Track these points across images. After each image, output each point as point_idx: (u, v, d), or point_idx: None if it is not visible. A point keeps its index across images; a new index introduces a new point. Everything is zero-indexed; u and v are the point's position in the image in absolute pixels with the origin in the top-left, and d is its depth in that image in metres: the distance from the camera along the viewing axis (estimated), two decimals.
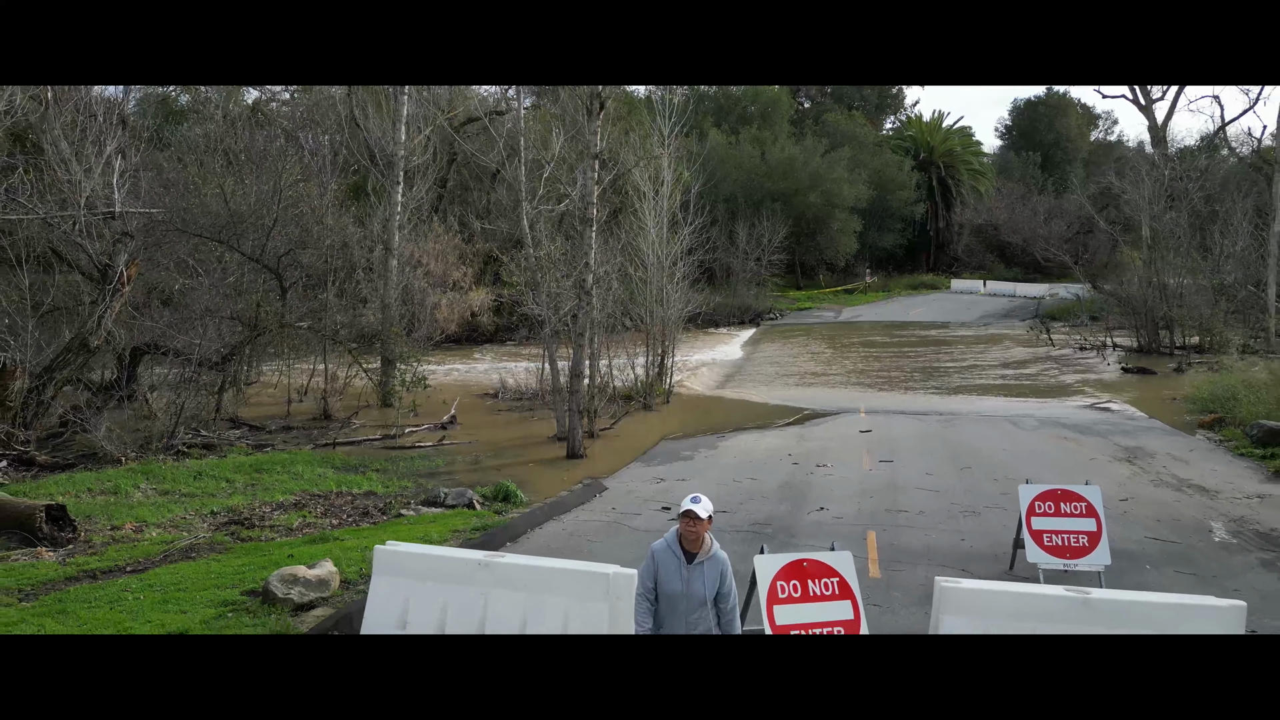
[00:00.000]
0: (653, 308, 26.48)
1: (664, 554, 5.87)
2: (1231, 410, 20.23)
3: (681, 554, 5.82)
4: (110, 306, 19.14)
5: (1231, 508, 13.57)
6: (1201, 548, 11.43)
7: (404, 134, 25.34)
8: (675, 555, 5.83)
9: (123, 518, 13.61)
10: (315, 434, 20.98)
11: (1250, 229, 35.71)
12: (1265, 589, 9.85)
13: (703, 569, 5.78)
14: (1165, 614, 6.53)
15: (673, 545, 5.87)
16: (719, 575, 5.83)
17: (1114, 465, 16.75)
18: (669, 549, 5.87)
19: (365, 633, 7.21)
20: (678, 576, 5.78)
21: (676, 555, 5.83)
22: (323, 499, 15.09)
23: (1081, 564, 9.28)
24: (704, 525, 5.79)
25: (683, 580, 5.77)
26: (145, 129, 26.09)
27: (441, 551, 7.84)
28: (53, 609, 9.48)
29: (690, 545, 5.82)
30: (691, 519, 5.77)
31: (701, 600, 5.76)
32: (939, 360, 36.80)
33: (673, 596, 5.77)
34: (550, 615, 6.68)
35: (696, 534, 5.78)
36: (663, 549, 5.90)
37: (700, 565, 5.79)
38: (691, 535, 5.78)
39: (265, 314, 21.97)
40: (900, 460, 17.49)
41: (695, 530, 5.77)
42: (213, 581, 10.10)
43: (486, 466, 17.78)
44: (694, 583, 5.77)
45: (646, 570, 5.94)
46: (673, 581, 5.79)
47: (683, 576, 5.77)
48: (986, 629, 6.57)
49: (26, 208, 18.99)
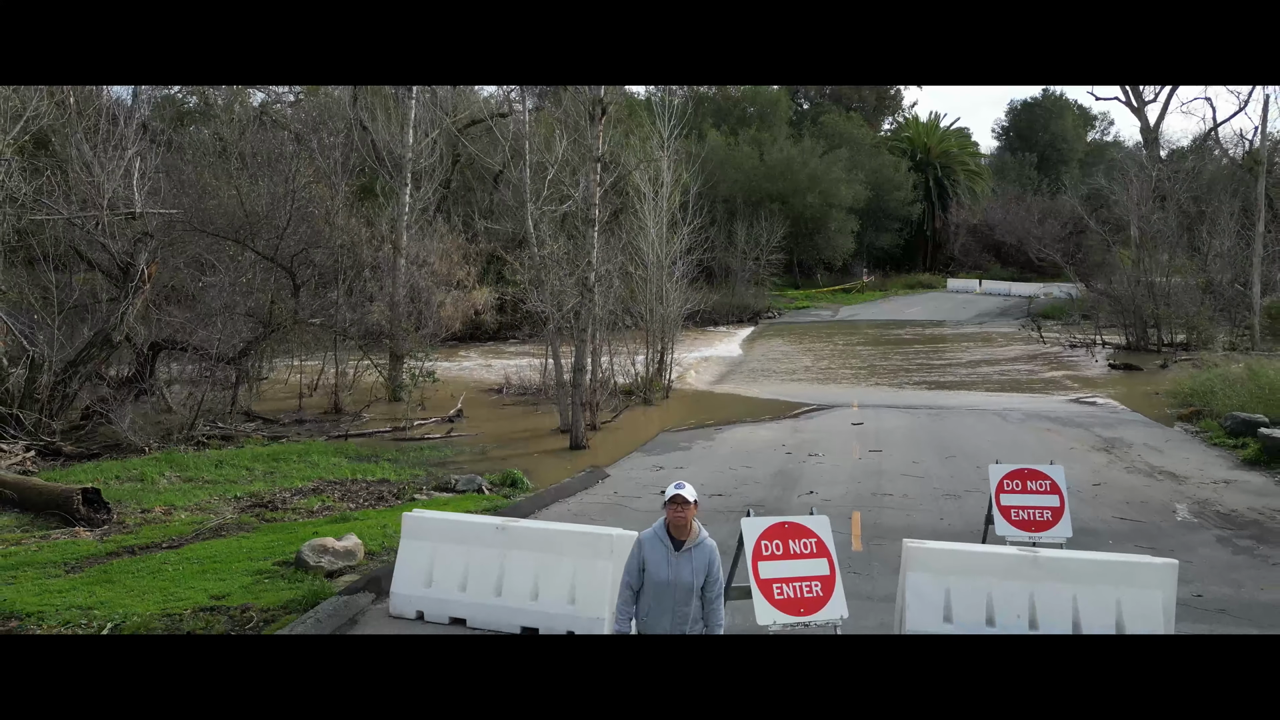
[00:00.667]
0: (653, 305, 27.29)
1: (651, 542, 5.81)
2: (1209, 403, 21.04)
3: (669, 541, 5.77)
4: (132, 303, 19.95)
5: (1198, 491, 14.39)
6: (1164, 526, 12.25)
7: (412, 137, 26.16)
8: (663, 543, 5.78)
9: (152, 502, 14.43)
10: (328, 427, 21.80)
11: (1237, 228, 36.52)
12: (1216, 560, 10.68)
13: (690, 555, 5.74)
14: (1104, 569, 7.34)
15: (660, 534, 5.82)
16: (707, 562, 5.78)
17: (1092, 454, 17.56)
18: (656, 537, 5.82)
19: (395, 589, 8.02)
20: (665, 564, 5.73)
21: (664, 543, 5.77)
22: (339, 485, 15.91)
23: (1045, 537, 10.06)
24: (691, 510, 5.78)
25: (671, 567, 5.72)
26: (163, 132, 26.79)
27: (463, 517, 8.66)
28: (99, 578, 10.32)
29: (678, 532, 5.78)
30: (679, 504, 5.74)
31: (689, 589, 5.71)
32: (932, 358, 37.62)
33: (660, 585, 5.71)
34: (560, 572, 7.51)
35: (684, 519, 5.74)
36: (650, 538, 5.84)
37: (688, 552, 5.74)
38: (680, 521, 5.75)
39: (279, 311, 22.80)
40: (889, 450, 18.29)
41: (683, 515, 5.74)
42: (245, 555, 10.93)
43: (493, 456, 18.59)
44: (682, 570, 5.71)
45: (633, 560, 5.87)
46: (660, 570, 5.73)
47: (671, 563, 5.72)
48: (946, 583, 7.40)
49: (53, 209, 19.81)
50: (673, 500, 5.78)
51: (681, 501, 5.76)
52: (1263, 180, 35.16)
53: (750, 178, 58.25)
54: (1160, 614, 7.22)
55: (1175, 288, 36.38)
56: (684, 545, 5.75)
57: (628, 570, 5.87)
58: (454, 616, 7.95)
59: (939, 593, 7.45)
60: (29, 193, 19.34)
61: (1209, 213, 37.42)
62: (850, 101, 76.86)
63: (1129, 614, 7.19)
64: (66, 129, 22.39)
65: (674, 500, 5.78)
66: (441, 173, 32.21)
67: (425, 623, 8.04)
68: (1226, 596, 9.39)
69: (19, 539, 12.45)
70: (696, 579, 5.73)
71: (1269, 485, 14.77)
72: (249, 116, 38.79)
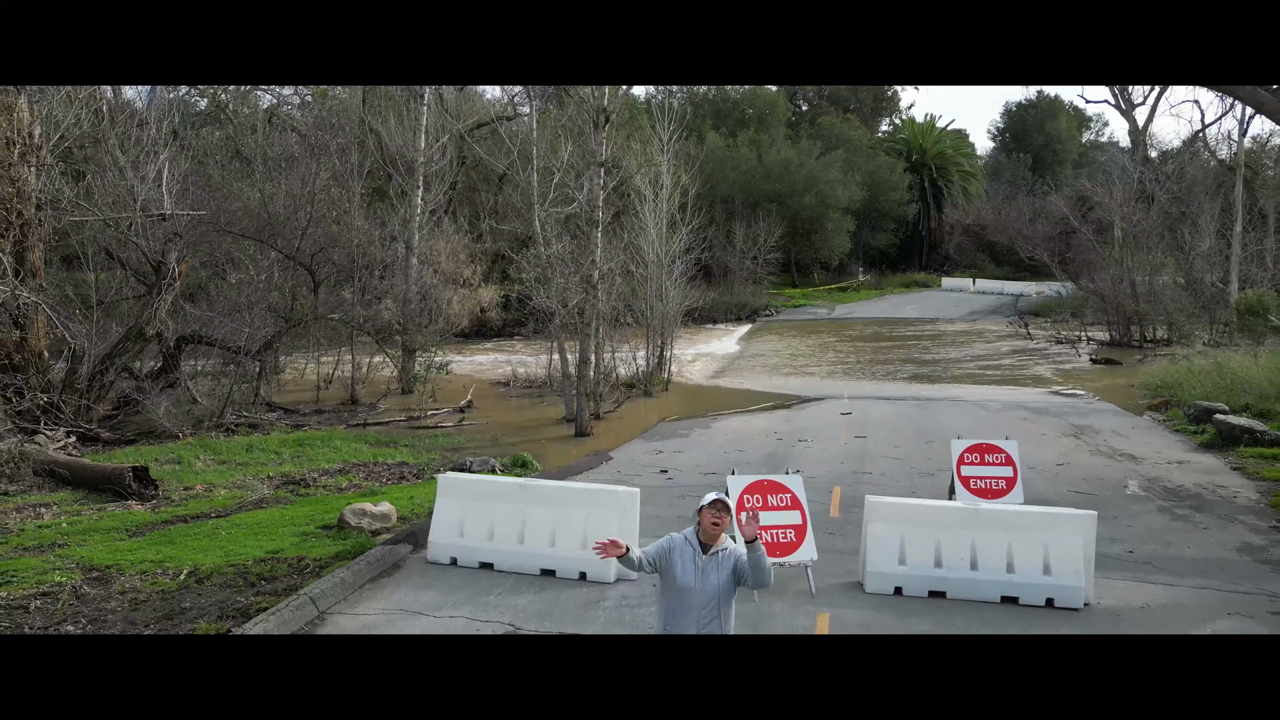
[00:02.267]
0: (653, 303, 28.63)
1: (681, 544, 5.64)
2: (1177, 394, 22.36)
3: (698, 545, 5.59)
4: (164, 299, 21.29)
5: (1152, 470, 15.71)
6: (1113, 498, 13.57)
7: (424, 142, 27.50)
8: (692, 546, 5.60)
9: (192, 480, 15.75)
10: (346, 416, 23.15)
11: (1217, 229, 37.86)
12: (1153, 525, 12.01)
13: (718, 559, 5.56)
14: (1033, 520, 8.68)
15: (690, 539, 5.64)
16: (733, 565, 5.60)
17: (1061, 439, 18.88)
18: (687, 542, 5.64)
19: (432, 539, 9.37)
20: (692, 567, 5.55)
21: (693, 545, 5.60)
22: (363, 467, 17.23)
23: (1000, 504, 11.36)
24: (727, 521, 5.59)
25: (697, 571, 5.54)
26: (176, 136, 28.02)
27: (489, 478, 10.04)
28: (161, 540, 11.63)
29: (709, 540, 5.58)
30: (719, 510, 5.56)
31: (714, 597, 5.54)
32: (923, 353, 38.95)
33: (686, 591, 5.54)
34: (574, 523, 8.85)
35: (720, 529, 5.57)
36: (680, 540, 5.68)
37: (715, 556, 5.57)
38: (714, 530, 5.55)
39: (300, 307, 24.14)
40: (874, 436, 19.61)
41: (721, 524, 5.56)
42: (289, 521, 12.24)
43: (503, 443, 19.89)
44: (709, 576, 5.54)
45: (660, 546, 5.70)
46: (687, 574, 5.55)
47: (697, 567, 5.55)
48: (901, 531, 8.72)
49: (90, 210, 21.15)
50: (711, 505, 5.57)
51: (722, 508, 5.57)
52: (1239, 182, 36.47)
53: (748, 179, 59.56)
54: (1080, 557, 8.53)
55: (1158, 286, 37.74)
56: (711, 549, 5.59)
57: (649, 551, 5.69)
58: (483, 562, 9.34)
59: (895, 540, 8.78)
60: (71, 197, 20.66)
61: (1189, 213, 38.76)
62: (848, 103, 78.13)
63: (1054, 556, 8.50)
64: (98, 133, 23.71)
65: (713, 505, 5.57)
66: (450, 176, 33.56)
67: (458, 567, 9.42)
68: (1154, 552, 10.70)
69: (79, 510, 13.75)
70: (723, 583, 5.56)
71: (1218, 465, 16.07)
72: (258, 120, 40.14)
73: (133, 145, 22.59)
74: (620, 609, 8.53)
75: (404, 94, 30.79)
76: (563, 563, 9.08)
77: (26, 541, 11.62)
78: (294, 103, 49.54)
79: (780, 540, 8.54)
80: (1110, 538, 11.12)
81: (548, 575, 9.17)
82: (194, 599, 8.83)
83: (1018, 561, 8.54)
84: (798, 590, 8.87)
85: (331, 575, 8.99)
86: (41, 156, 20.02)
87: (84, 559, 10.67)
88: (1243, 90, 13.93)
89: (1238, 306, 29.06)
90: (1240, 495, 13.79)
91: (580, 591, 8.87)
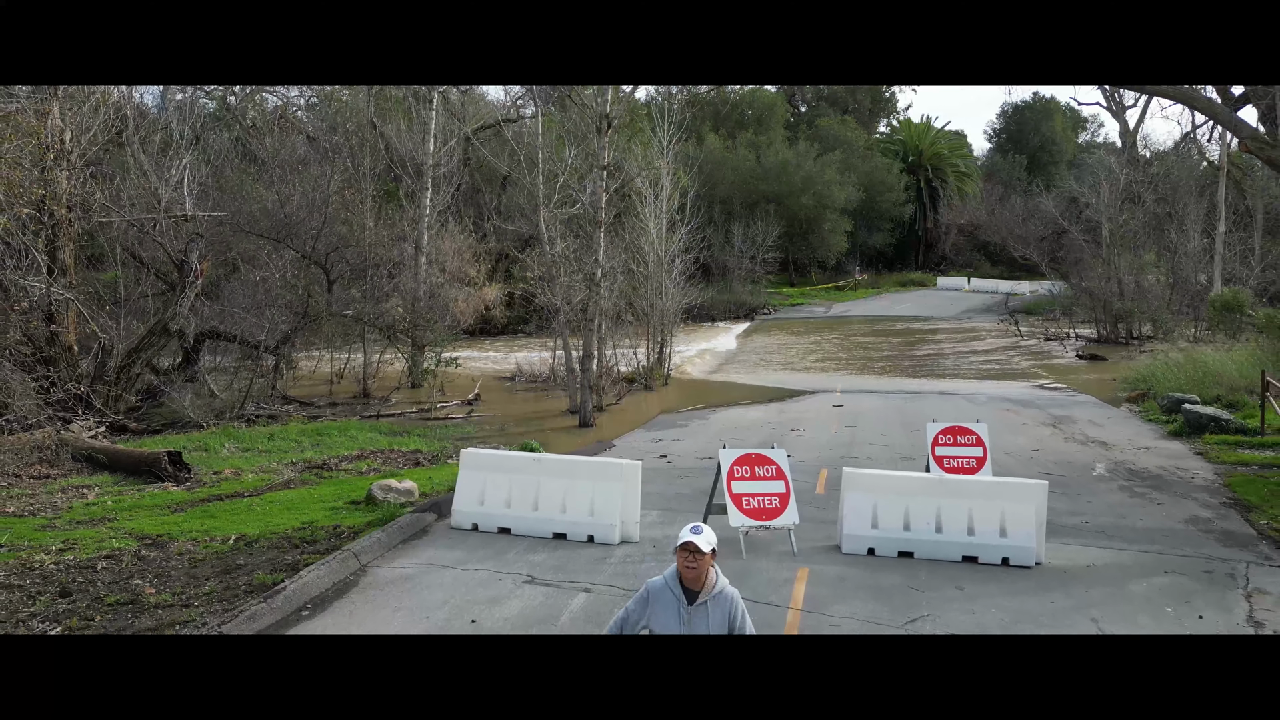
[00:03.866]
0: (653, 301, 29.72)
1: (660, 593, 4.98)
2: (1153, 387, 23.43)
3: (681, 593, 4.93)
4: (187, 297, 22.38)
5: (1119, 455, 16.79)
6: (1080, 479, 14.64)
7: (432, 145, 28.59)
8: (674, 594, 4.94)
9: (220, 465, 16.81)
10: (359, 408, 24.24)
11: (1202, 228, 38.96)
12: (1112, 501, 13.09)
13: (707, 610, 4.89)
14: (991, 488, 9.78)
15: (671, 584, 4.98)
16: (727, 615, 4.92)
17: (1040, 428, 19.95)
18: (667, 588, 4.98)
19: (456, 507, 10.48)
20: (675, 618, 4.91)
21: (675, 595, 4.94)
22: (380, 454, 18.30)
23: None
24: (705, 560, 4.90)
25: (682, 622, 4.89)
26: (184, 135, 29.05)
27: (507, 452, 11.18)
28: (202, 515, 12.72)
29: (691, 584, 4.93)
30: (690, 552, 4.87)
31: None
32: (916, 350, 40.07)
33: None
34: (582, 492, 9.97)
35: (697, 572, 4.89)
36: (659, 587, 5.01)
37: (704, 605, 4.89)
38: (691, 574, 4.90)
39: (314, 304, 25.23)
40: (862, 426, 20.69)
41: (696, 567, 4.88)
42: (319, 499, 13.32)
43: (511, 433, 20.96)
44: (696, 626, 4.88)
45: (634, 606, 5.06)
46: (670, 625, 4.91)
47: (682, 618, 4.90)
48: (874, 499, 9.81)
49: (117, 211, 22.24)
50: (683, 546, 4.89)
51: (694, 550, 4.87)
52: (1223, 183, 37.57)
53: (747, 179, 60.62)
54: (1033, 521, 9.61)
55: (1145, 284, 38.83)
56: (698, 597, 4.92)
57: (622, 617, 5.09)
58: (501, 527, 10.49)
59: (868, 506, 9.87)
60: (101, 199, 21.75)
61: (1176, 214, 39.86)
62: (846, 105, 79.13)
63: (1009, 520, 9.58)
64: (122, 138, 24.81)
65: (685, 546, 4.89)
66: (457, 178, 34.64)
67: (479, 532, 10.57)
68: (1109, 524, 11.77)
69: (119, 491, 14.83)
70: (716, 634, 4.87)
71: (1183, 451, 17.15)
72: (266, 122, 41.24)
73: (156, 150, 23.68)
74: (625, 564, 9.74)
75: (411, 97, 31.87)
76: (572, 527, 10.23)
77: (78, 516, 12.70)
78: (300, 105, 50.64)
79: (766, 506, 9.64)
80: (1070, 511, 12.21)
81: (559, 538, 10.32)
82: (246, 558, 9.91)
83: (977, 525, 9.61)
84: (781, 551, 9.96)
85: (368, 536, 10.14)
86: (72, 160, 21.10)
87: (135, 529, 11.74)
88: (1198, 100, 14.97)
89: (1213, 303, 30.18)
90: (1198, 476, 14.86)
91: (589, 550, 10.03)
